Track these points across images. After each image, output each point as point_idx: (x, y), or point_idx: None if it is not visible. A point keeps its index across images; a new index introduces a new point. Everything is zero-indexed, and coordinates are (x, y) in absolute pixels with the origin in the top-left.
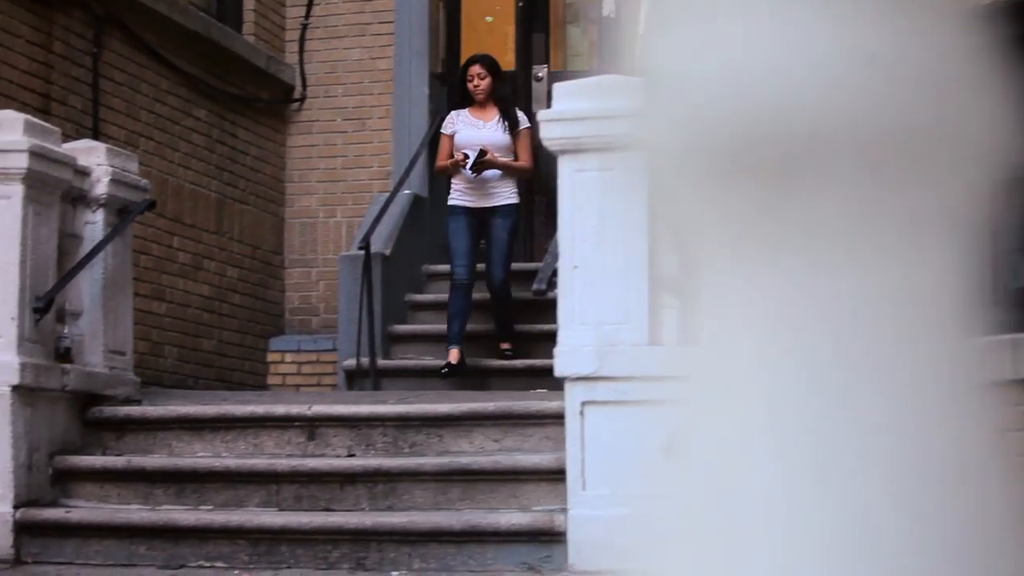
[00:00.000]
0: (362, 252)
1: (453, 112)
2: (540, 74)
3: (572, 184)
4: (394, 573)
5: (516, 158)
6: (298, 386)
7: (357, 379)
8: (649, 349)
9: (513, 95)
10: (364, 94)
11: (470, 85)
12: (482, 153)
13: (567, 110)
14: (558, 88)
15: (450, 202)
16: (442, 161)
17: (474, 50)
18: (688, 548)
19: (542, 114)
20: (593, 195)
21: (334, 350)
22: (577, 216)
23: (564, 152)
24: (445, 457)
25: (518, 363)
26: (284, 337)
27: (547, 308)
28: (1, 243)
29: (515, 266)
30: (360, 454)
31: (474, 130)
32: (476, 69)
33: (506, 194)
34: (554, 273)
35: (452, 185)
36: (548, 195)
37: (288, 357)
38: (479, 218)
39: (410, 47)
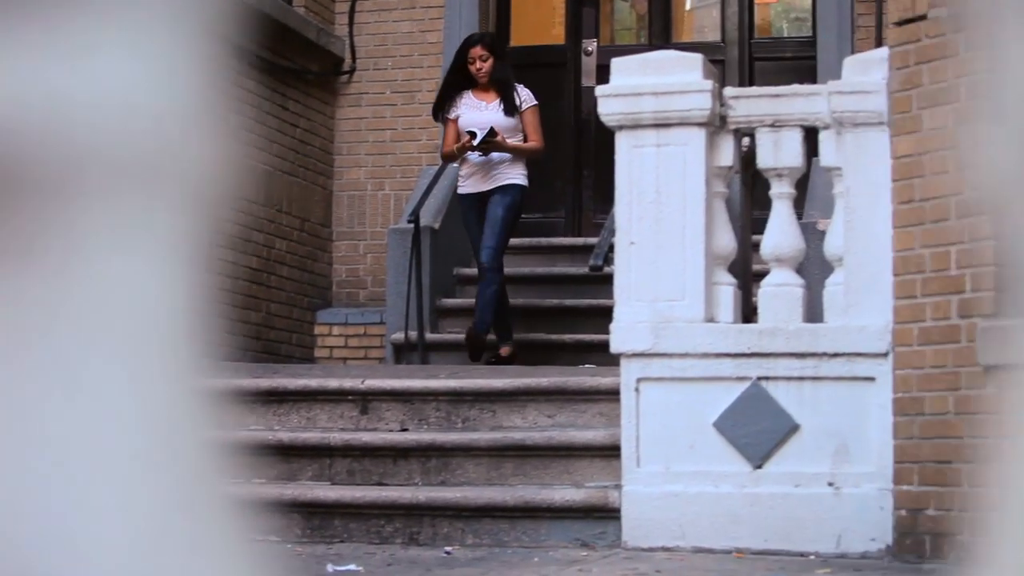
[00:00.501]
0: (411, 225)
1: (455, 96)
2: (590, 48)
3: (629, 160)
4: (447, 548)
5: (525, 139)
6: (345, 359)
7: (405, 352)
8: (705, 326)
9: (512, 75)
10: (414, 67)
11: (472, 68)
12: (492, 132)
13: (624, 85)
14: (616, 63)
15: (458, 190)
16: (449, 146)
17: (524, 24)
18: None
19: (600, 89)
20: (650, 171)
21: (381, 323)
22: (634, 192)
23: (621, 128)
24: (498, 432)
25: (567, 338)
26: (331, 310)
27: (593, 283)
28: None
29: (562, 241)
30: (413, 428)
31: (477, 112)
32: (478, 51)
33: (511, 175)
34: (610, 248)
35: (459, 172)
36: (596, 169)
37: (335, 330)
38: (485, 202)
39: (460, 20)
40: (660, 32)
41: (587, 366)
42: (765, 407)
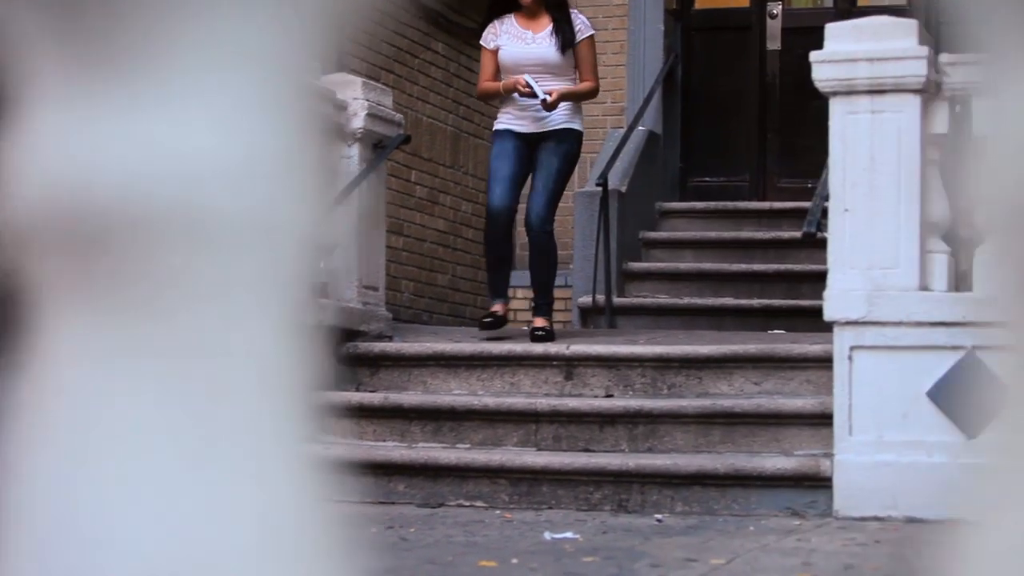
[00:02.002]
0: (599, 189)
1: (495, 21)
2: (775, 11)
3: (843, 126)
4: (657, 516)
5: (578, 78)
6: (529, 322)
7: (592, 316)
8: (919, 295)
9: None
10: (599, 29)
11: None
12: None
13: (839, 51)
14: (831, 28)
15: (497, 127)
16: (488, 81)
17: None
18: None
19: (813, 55)
20: (864, 138)
21: (566, 286)
22: (848, 159)
23: (835, 94)
24: (706, 399)
25: (755, 303)
26: (515, 272)
27: (780, 248)
28: None
29: (748, 205)
30: (618, 395)
31: (522, 44)
32: None
33: (568, 118)
34: (823, 214)
35: (500, 110)
36: (780, 133)
37: (519, 293)
38: (530, 145)
39: None
40: None
41: (776, 332)
42: (979, 377)
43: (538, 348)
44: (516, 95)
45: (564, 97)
